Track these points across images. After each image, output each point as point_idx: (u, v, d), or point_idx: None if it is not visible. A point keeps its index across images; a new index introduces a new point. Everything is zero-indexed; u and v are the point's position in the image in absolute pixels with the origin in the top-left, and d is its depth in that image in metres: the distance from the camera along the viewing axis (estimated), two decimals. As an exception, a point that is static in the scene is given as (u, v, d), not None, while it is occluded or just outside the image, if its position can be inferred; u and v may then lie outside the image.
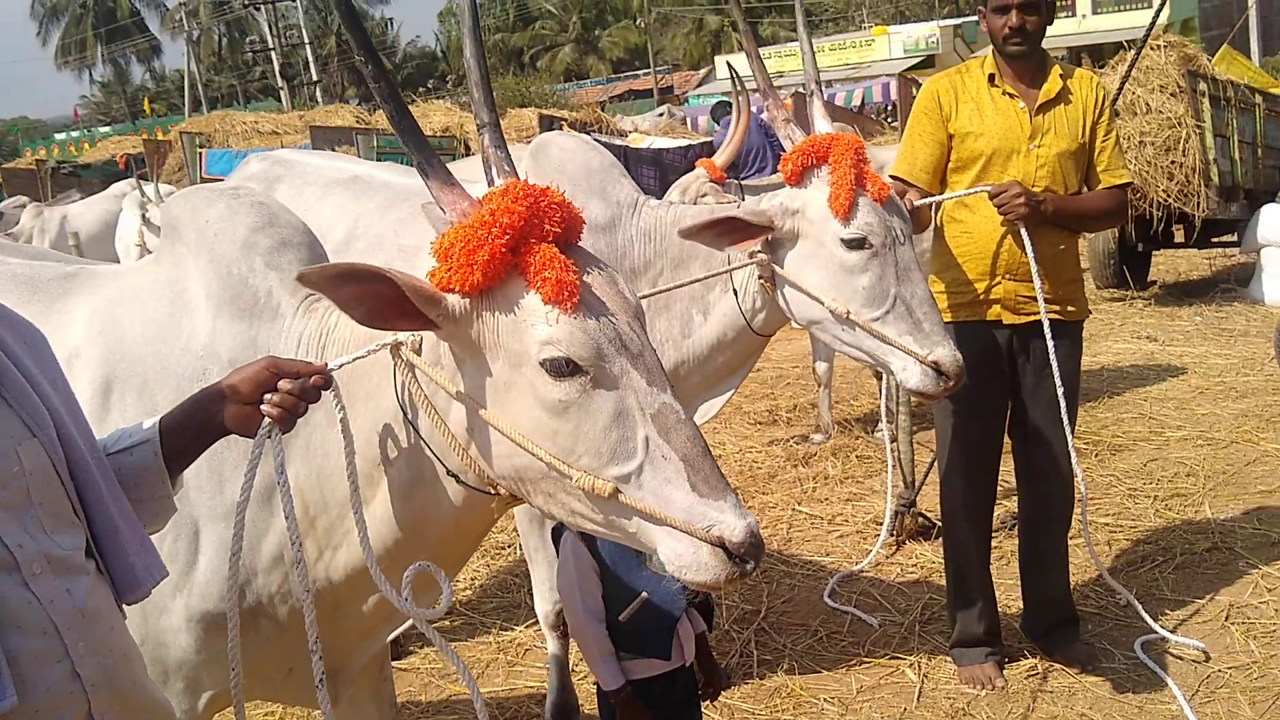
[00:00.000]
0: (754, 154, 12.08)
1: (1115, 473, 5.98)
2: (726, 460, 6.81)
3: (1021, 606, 4.37)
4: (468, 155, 17.01)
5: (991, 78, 3.90)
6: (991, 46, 3.94)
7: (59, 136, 44.84)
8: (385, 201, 3.84)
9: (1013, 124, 3.84)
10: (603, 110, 26.04)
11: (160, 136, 24.10)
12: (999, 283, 3.87)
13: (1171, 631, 4.27)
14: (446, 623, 4.88)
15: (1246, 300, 10.04)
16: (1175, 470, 5.96)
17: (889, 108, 30.35)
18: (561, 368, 1.89)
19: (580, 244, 2.05)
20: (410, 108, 2.04)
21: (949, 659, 4.23)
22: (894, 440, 5.48)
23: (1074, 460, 3.92)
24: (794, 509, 5.88)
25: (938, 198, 3.86)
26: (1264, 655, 4.09)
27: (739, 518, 1.87)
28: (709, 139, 14.62)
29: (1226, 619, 4.38)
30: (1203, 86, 9.89)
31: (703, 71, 50.28)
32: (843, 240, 3.17)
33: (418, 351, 2.04)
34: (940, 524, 5.35)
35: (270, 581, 2.26)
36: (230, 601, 2.00)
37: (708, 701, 3.23)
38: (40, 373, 1.70)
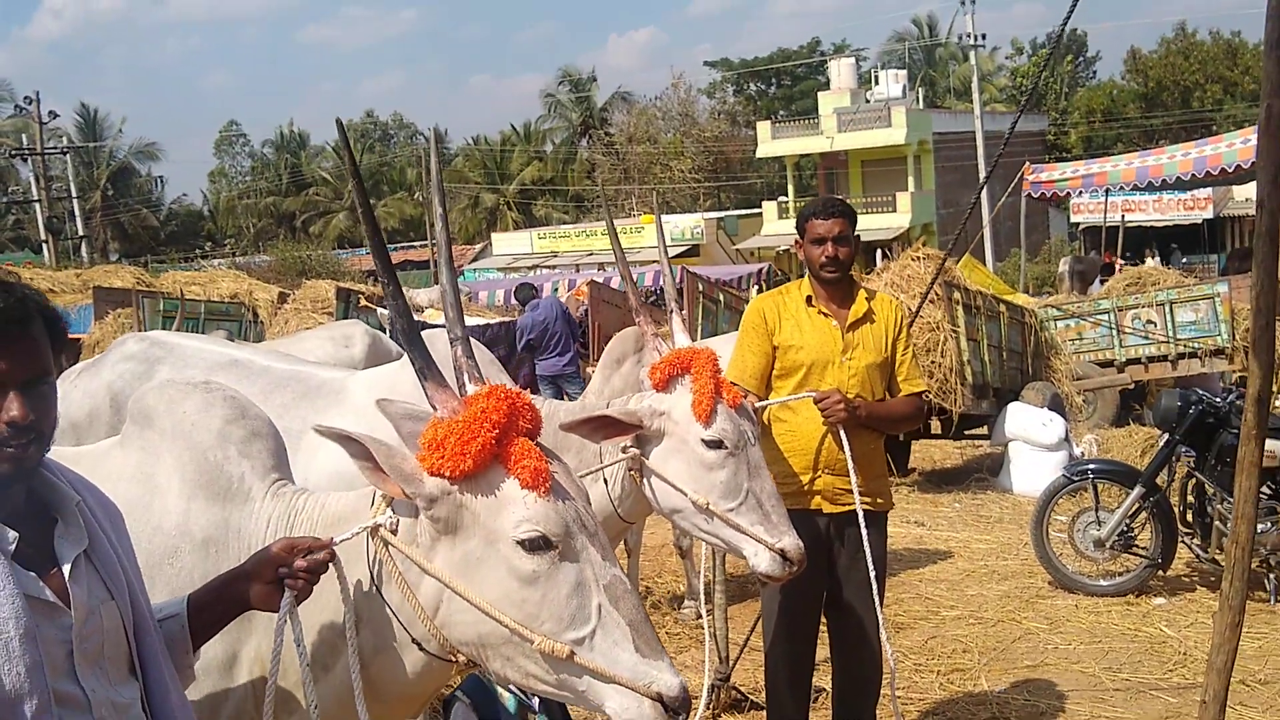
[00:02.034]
0: (555, 338, 12.67)
1: (901, 649, 6.52)
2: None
3: (834, 774, 4.76)
4: (255, 321, 16.95)
5: (809, 299, 4.47)
6: (807, 272, 4.53)
7: None
8: (267, 386, 4.05)
9: (827, 339, 4.41)
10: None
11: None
12: (819, 476, 4.36)
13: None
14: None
15: (997, 489, 11.05)
16: (953, 647, 6.57)
17: (658, 291, 31.87)
18: (536, 544, 2.20)
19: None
20: (197, 274, 2.40)
21: (772, 825, 4.55)
22: (710, 616, 5.86)
23: (884, 635, 4.38)
24: (613, 684, 6.13)
25: (773, 400, 4.37)
26: (1044, 814, 4.60)
27: (673, 676, 2.22)
28: (508, 319, 15.13)
29: (1009, 782, 4.89)
30: (957, 295, 11.08)
31: (478, 246, 51.40)
32: (703, 440, 3.56)
33: (394, 532, 2.30)
34: (752, 698, 5.75)
35: None
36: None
37: None
38: (119, 544, 1.97)
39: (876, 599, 4.33)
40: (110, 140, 62.05)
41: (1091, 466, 7.80)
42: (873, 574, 4.30)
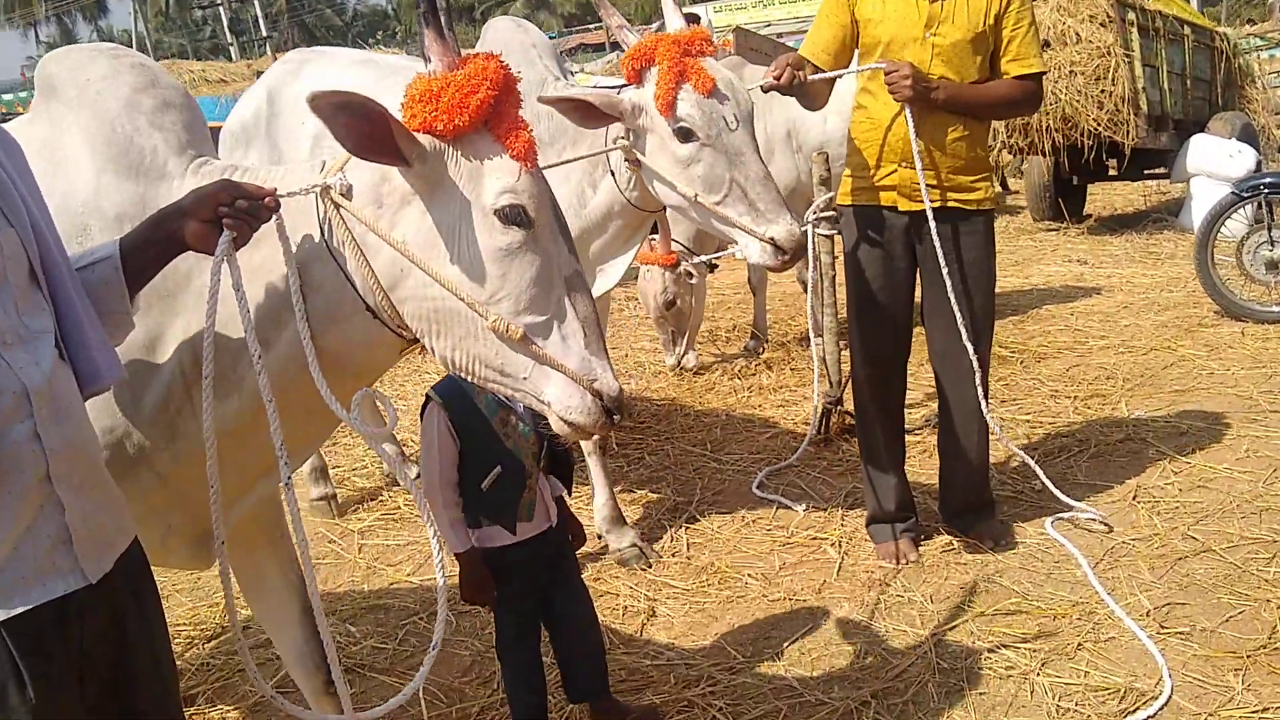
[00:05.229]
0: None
1: (1038, 377, 6.18)
2: (664, 375, 6.98)
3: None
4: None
5: (897, -36, 3.99)
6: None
7: (6, 97, 43.79)
8: (380, 74, 4.36)
9: (910, 12, 3.92)
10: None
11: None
12: (894, 170, 3.97)
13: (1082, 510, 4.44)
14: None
15: (1177, 229, 10.28)
16: (1096, 374, 6.17)
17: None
18: (516, 216, 2.09)
19: None
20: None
21: (869, 538, 4.40)
22: (820, 340, 5.61)
23: (965, 337, 3.98)
24: (727, 415, 6.04)
25: (828, 74, 3.99)
26: (1165, 528, 4.27)
27: (614, 379, 2.18)
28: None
29: (1134, 498, 4.56)
30: (1131, 16, 10.07)
31: (654, 26, 49.93)
32: (674, 133, 3.43)
33: (346, 196, 2.15)
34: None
35: (153, 432, 2.29)
36: (206, 426, 2.12)
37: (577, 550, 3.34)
38: (17, 175, 1.83)
39: (953, 300, 3.95)
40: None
41: (1266, 180, 7.03)
42: (945, 272, 3.91)
